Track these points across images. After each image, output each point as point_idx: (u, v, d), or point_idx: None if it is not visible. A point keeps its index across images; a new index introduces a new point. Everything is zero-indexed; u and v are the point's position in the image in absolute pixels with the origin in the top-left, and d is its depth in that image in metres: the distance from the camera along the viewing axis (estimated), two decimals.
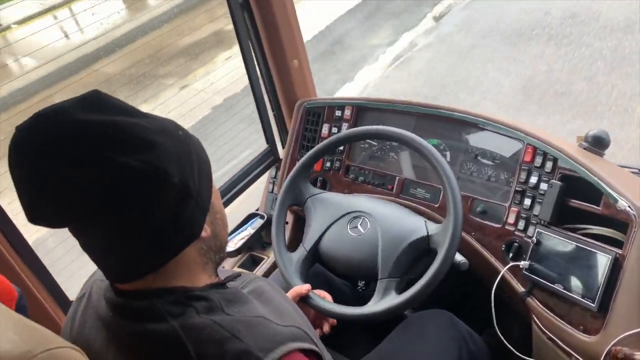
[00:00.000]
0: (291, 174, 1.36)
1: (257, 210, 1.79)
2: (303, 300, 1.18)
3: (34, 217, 0.65)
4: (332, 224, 1.29)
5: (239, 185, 1.72)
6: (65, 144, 0.62)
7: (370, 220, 1.26)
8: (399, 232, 1.21)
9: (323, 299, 1.20)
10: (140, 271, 0.71)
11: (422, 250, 1.20)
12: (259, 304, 0.80)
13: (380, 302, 1.15)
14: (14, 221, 1.15)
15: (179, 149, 0.69)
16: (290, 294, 1.17)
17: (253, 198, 1.91)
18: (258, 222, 1.70)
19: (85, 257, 0.73)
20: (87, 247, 0.70)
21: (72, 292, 1.24)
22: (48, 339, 0.61)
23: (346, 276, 1.43)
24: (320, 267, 1.38)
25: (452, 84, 4.11)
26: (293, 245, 1.34)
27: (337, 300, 1.24)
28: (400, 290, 1.17)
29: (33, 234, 1.75)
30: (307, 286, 1.19)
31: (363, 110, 1.57)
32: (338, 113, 1.59)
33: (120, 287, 0.74)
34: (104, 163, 0.62)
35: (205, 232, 0.74)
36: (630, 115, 3.30)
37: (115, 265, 0.72)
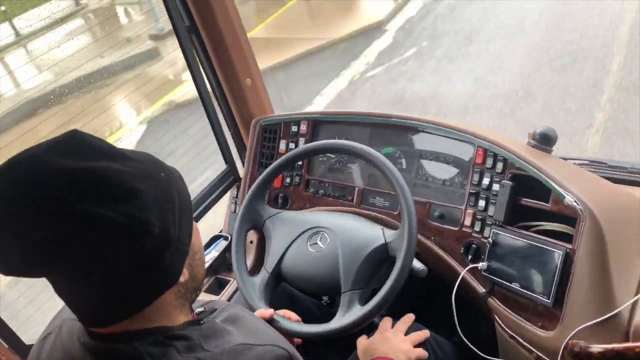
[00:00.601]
0: (247, 197, 1.36)
1: (220, 231, 1.77)
2: (268, 322, 1.17)
3: (8, 266, 0.62)
4: (292, 242, 1.29)
5: (201, 207, 1.70)
6: (40, 193, 0.59)
7: (329, 234, 1.26)
8: (358, 243, 1.21)
9: (288, 319, 1.20)
10: (117, 317, 0.70)
11: (382, 258, 1.20)
12: (235, 329, 0.80)
13: (346, 316, 1.15)
14: None
15: (161, 195, 0.67)
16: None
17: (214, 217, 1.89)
18: (222, 244, 1.68)
19: (41, 300, 0.71)
20: (60, 292, 0.68)
21: (27, 337, 1.21)
22: None
23: (311, 293, 1.43)
24: (285, 286, 1.38)
25: None
26: (259, 264, 1.33)
27: (303, 316, 1.23)
28: (364, 301, 1.17)
29: None
30: (270, 311, 1.18)
31: (319, 124, 1.58)
32: (294, 128, 1.60)
33: (96, 330, 0.72)
34: (79, 214, 0.59)
35: (184, 276, 0.73)
36: None
37: (91, 312, 0.70)
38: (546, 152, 1.25)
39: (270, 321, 1.17)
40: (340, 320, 1.15)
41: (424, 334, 1.19)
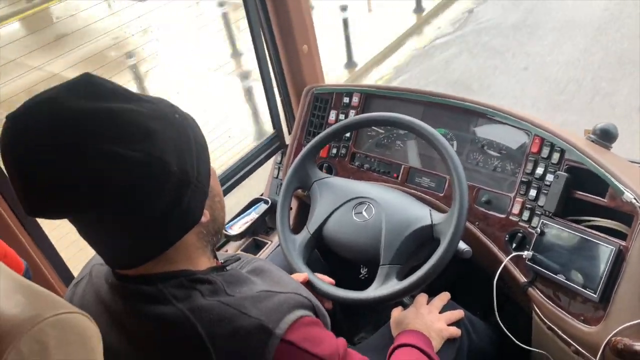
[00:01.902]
0: (298, 157, 1.37)
1: (261, 195, 1.80)
2: (303, 284, 1.19)
3: (31, 209, 0.63)
4: (337, 208, 1.30)
5: (245, 170, 1.72)
6: (58, 135, 0.60)
7: (375, 206, 1.26)
8: (403, 220, 1.21)
9: (323, 281, 1.21)
10: (140, 259, 0.72)
11: (425, 238, 1.20)
12: (259, 279, 0.82)
13: (381, 288, 1.16)
14: None
15: (176, 135, 0.67)
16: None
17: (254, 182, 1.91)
18: (262, 207, 1.71)
19: None
20: (85, 235, 0.70)
21: (77, 268, 1.25)
22: (57, 304, 0.61)
23: (348, 260, 1.44)
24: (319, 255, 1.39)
25: None
26: (296, 230, 1.35)
27: (338, 284, 1.24)
28: (401, 277, 1.17)
29: None
30: (305, 275, 1.19)
31: (371, 97, 1.57)
32: (346, 100, 1.59)
33: (122, 272, 0.74)
34: (100, 155, 0.60)
35: (205, 216, 0.74)
36: None
37: (115, 254, 0.72)
38: (606, 148, 1.23)
39: (305, 282, 1.18)
40: (375, 290, 1.16)
41: (458, 313, 1.20)
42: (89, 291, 0.80)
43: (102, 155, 0.60)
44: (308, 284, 1.18)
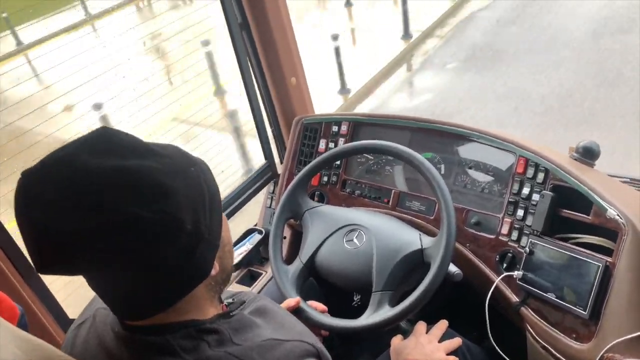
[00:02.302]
0: (289, 186, 1.39)
1: (255, 225, 1.81)
2: (295, 312, 1.19)
3: (42, 265, 0.62)
4: (329, 236, 1.31)
5: (238, 201, 1.74)
6: (75, 194, 0.60)
7: (365, 233, 1.27)
8: (394, 245, 1.22)
9: (315, 310, 1.21)
10: (149, 311, 0.72)
11: (416, 263, 1.21)
12: (263, 322, 0.82)
13: (373, 315, 1.16)
14: (17, 242, 1.17)
15: (191, 191, 0.68)
16: (283, 306, 1.18)
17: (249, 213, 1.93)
18: (256, 237, 1.72)
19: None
20: (94, 287, 0.70)
21: (72, 310, 1.25)
22: (50, 354, 0.62)
23: (341, 289, 1.44)
24: (314, 282, 1.40)
25: None
26: (290, 260, 1.36)
27: (331, 312, 1.25)
28: (393, 303, 1.18)
29: None
30: (297, 299, 1.20)
31: (359, 125, 1.60)
32: (335, 128, 1.63)
33: (129, 323, 0.75)
34: (117, 215, 0.61)
35: (215, 269, 0.75)
36: None
37: (124, 305, 0.72)
38: (589, 165, 1.25)
39: (297, 310, 1.19)
40: (368, 318, 1.16)
41: (457, 341, 1.19)
42: (92, 336, 0.79)
43: (119, 216, 0.61)
44: (300, 313, 1.19)
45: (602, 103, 4.04)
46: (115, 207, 0.61)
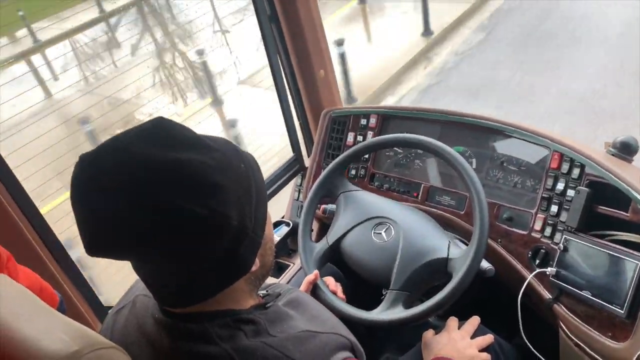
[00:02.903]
0: (330, 166, 1.38)
1: (282, 217, 1.82)
2: (312, 291, 1.21)
3: (92, 248, 0.64)
4: (358, 224, 1.31)
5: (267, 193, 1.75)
6: (126, 183, 0.62)
7: (395, 228, 1.26)
8: (420, 248, 1.21)
9: (332, 292, 1.22)
10: (191, 301, 0.73)
11: (439, 271, 1.19)
12: (298, 314, 0.83)
13: (386, 312, 1.16)
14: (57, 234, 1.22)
15: (240, 188, 0.69)
16: (304, 285, 1.20)
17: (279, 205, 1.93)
18: (284, 230, 1.73)
19: (120, 264, 0.74)
20: (140, 274, 0.72)
21: (105, 298, 1.28)
22: (95, 340, 0.63)
23: (359, 277, 1.44)
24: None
25: None
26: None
27: (356, 302, 1.24)
28: (407, 305, 1.17)
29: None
30: (315, 272, 1.22)
31: (388, 118, 1.59)
32: (363, 121, 1.62)
33: (170, 309, 0.76)
34: (165, 206, 0.62)
35: (255, 265, 0.76)
36: None
37: (166, 294, 0.74)
38: (627, 161, 1.22)
39: (315, 288, 1.20)
40: (379, 314, 1.16)
41: (489, 338, 1.18)
42: (132, 322, 0.81)
43: (167, 207, 0.62)
44: (315, 290, 1.20)
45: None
46: (163, 198, 0.62)
